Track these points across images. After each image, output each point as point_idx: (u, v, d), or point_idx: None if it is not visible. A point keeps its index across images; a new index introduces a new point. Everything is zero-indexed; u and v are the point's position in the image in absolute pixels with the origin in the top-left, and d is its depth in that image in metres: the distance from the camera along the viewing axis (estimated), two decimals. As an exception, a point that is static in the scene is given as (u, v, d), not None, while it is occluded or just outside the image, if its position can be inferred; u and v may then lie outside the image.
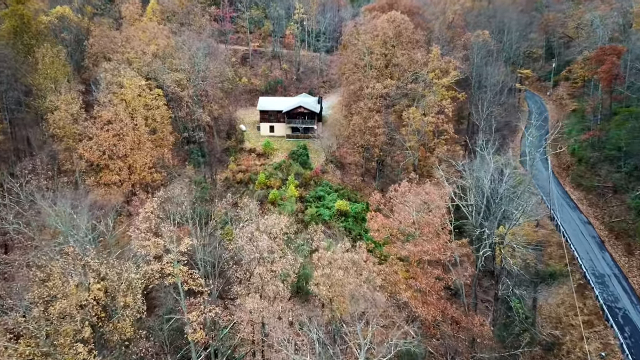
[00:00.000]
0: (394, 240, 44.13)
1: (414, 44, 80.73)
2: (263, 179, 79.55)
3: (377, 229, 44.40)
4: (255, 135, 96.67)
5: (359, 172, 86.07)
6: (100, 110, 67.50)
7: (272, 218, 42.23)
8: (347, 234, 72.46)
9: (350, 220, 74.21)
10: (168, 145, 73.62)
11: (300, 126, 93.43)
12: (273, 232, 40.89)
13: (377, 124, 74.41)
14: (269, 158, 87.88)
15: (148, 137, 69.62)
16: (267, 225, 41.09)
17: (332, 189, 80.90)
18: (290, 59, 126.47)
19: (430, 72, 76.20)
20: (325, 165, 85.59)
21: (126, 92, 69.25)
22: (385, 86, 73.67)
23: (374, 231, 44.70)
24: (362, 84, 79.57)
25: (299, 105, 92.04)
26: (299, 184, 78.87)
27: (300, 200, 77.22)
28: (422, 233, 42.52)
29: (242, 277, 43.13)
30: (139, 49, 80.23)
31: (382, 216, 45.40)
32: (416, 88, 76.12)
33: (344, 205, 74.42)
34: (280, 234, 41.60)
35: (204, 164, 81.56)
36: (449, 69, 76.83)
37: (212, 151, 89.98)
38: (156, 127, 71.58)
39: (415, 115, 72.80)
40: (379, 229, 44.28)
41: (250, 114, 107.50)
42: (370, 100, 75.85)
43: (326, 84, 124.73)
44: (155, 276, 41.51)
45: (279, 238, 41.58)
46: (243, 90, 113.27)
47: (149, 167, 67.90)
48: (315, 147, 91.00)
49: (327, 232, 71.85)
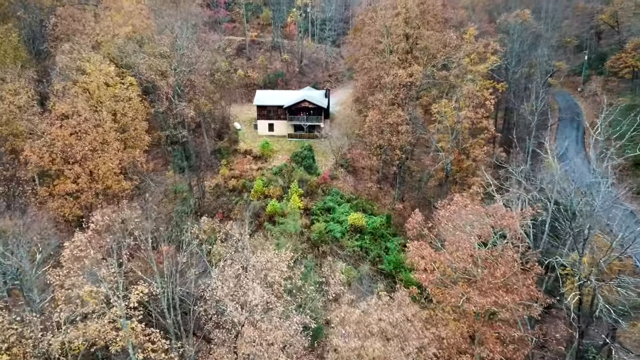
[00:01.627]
0: (447, 282, 30.08)
1: (443, 24, 66.82)
2: (260, 186, 65.54)
3: (424, 268, 30.26)
4: (251, 135, 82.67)
5: (374, 178, 72.10)
6: (54, 101, 53.68)
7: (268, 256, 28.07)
8: (364, 254, 58.49)
9: (366, 237, 60.15)
10: (142, 145, 59.63)
11: (304, 124, 79.44)
12: (270, 275, 26.82)
13: (400, 119, 60.51)
14: (267, 161, 73.87)
15: (116, 136, 55.67)
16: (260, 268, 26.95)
17: (344, 198, 66.87)
18: (292, 50, 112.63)
19: (465, 57, 62.30)
20: (335, 170, 71.59)
21: (89, 80, 55.38)
22: (411, 73, 59.75)
23: (420, 271, 30.54)
24: (379, 72, 65.72)
25: (303, 100, 78.11)
26: (303, 193, 64.86)
27: (306, 212, 63.19)
28: (491, 274, 28.57)
29: (225, 338, 29.09)
30: (111, 31, 66.35)
31: (430, 248, 31.21)
32: (447, 76, 62.20)
33: (359, 219, 60.41)
34: (281, 278, 27.52)
35: (190, 168, 67.60)
36: (487, 53, 62.94)
37: (200, 153, 76.00)
38: (127, 124, 57.62)
39: (447, 108, 58.89)
40: (426, 267, 30.16)
41: (246, 110, 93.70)
42: (391, 91, 61.96)
43: (332, 78, 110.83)
44: (93, 339, 27.59)
45: (278, 283, 27.48)
46: (239, 84, 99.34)
47: (116, 174, 53.88)
48: (322, 149, 77.00)
49: (339, 252, 57.84)
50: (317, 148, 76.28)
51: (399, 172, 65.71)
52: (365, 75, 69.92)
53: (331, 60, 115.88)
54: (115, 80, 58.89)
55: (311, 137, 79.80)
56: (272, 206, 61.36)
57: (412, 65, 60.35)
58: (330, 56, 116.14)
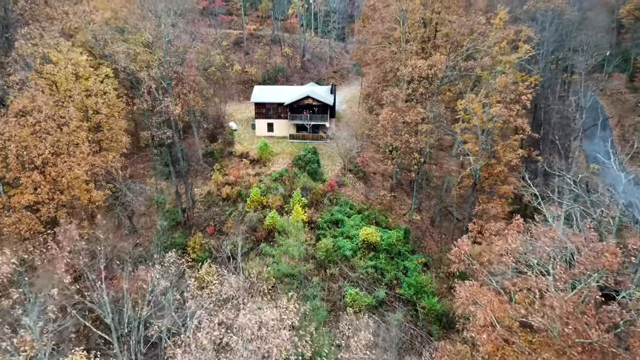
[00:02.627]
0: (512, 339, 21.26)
1: (465, 8, 58.18)
2: (257, 195, 56.94)
3: (484, 323, 21.41)
4: (248, 136, 74.02)
5: (387, 185, 63.51)
6: (13, 95, 45.22)
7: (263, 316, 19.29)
8: (379, 276, 49.80)
9: (381, 256, 51.50)
10: (119, 148, 51.03)
11: (307, 123, 70.81)
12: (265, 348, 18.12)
13: (420, 117, 51.96)
14: (265, 166, 65.21)
15: (87, 137, 47.09)
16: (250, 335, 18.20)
17: (354, 209, 58.24)
18: (294, 44, 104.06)
19: (495, 46, 53.75)
20: (343, 176, 62.96)
21: (55, 71, 46.85)
22: (432, 64, 51.12)
23: (479, 328, 21.64)
24: (394, 64, 57.20)
25: (306, 96, 69.44)
26: (307, 203, 56.26)
27: (310, 225, 54.61)
28: (575, 330, 19.93)
29: None
30: (87, 17, 57.81)
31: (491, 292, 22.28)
32: (474, 67, 53.58)
33: (372, 234, 51.81)
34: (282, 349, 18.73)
35: (177, 174, 59.02)
36: (520, 41, 54.35)
37: (190, 156, 67.40)
38: (101, 122, 49.05)
39: (475, 105, 50.38)
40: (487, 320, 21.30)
41: (243, 109, 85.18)
42: (409, 84, 53.40)
43: (337, 74, 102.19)
44: None
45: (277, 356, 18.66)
46: (235, 80, 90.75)
47: (85, 182, 45.25)
48: (328, 152, 68.36)
49: (350, 275, 49.18)
50: (322, 151, 67.65)
51: (417, 178, 56.98)
52: (377, 67, 61.31)
53: (336, 55, 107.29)
54: (88, 72, 50.34)
55: (315, 138, 71.17)
56: (272, 219, 52.77)
57: (434, 55, 51.70)
58: (334, 51, 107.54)
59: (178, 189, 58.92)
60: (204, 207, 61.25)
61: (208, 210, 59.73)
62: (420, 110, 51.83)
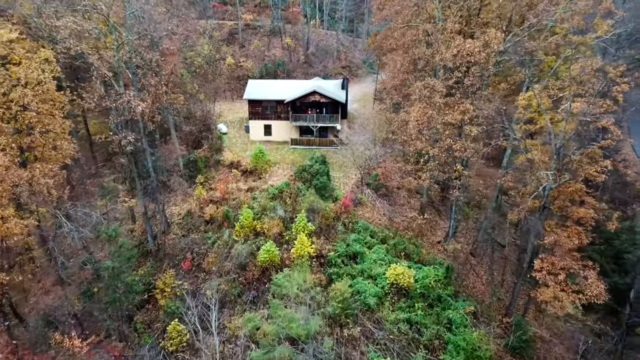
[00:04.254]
0: None
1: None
2: (249, 218, 43.21)
3: None
4: (241, 141, 60.40)
5: (416, 204, 49.96)
6: None
7: None
8: (415, 334, 36.03)
9: (417, 305, 37.70)
10: (59, 158, 37.43)
11: (314, 125, 57.24)
12: None
13: (467, 117, 38.41)
14: (261, 179, 51.59)
15: (10, 141, 33.62)
16: None
17: (376, 236, 44.46)
18: (296, 35, 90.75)
19: (564, 23, 40.19)
20: (360, 192, 49.24)
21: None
22: (486, 43, 37.53)
23: None
24: (427, 49, 43.71)
25: (312, 91, 55.93)
26: (315, 230, 42.61)
27: (319, 261, 40.96)
28: None
29: None
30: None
31: None
32: (536, 49, 39.98)
33: (404, 274, 38.13)
34: None
35: (145, 191, 45.44)
36: (598, 16, 40.79)
37: (168, 167, 53.92)
38: (32, 123, 35.49)
39: (544, 99, 36.92)
40: None
41: (237, 108, 71.84)
42: (452, 73, 39.88)
43: (346, 70, 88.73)
44: None
45: None
46: (228, 75, 77.29)
47: (1, 205, 31.69)
48: (339, 160, 54.73)
49: (376, 334, 35.43)
50: (332, 159, 54.04)
51: (458, 195, 43.18)
52: (405, 53, 47.69)
53: (344, 49, 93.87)
54: (19, 54, 36.89)
55: (324, 143, 57.55)
56: (267, 254, 39.05)
57: (489, 32, 38.12)
58: (342, 44, 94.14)
59: (146, 210, 45.32)
60: (181, 232, 47.64)
61: (185, 237, 46.06)
62: (468, 107, 38.24)
